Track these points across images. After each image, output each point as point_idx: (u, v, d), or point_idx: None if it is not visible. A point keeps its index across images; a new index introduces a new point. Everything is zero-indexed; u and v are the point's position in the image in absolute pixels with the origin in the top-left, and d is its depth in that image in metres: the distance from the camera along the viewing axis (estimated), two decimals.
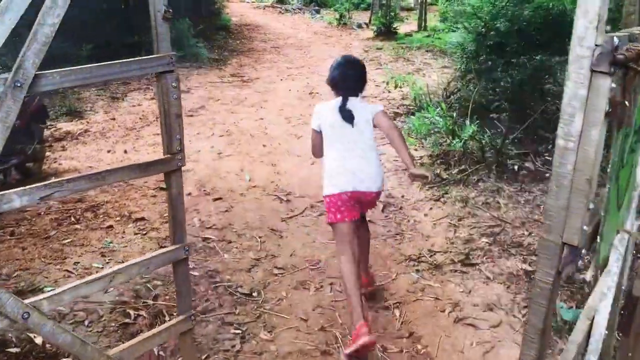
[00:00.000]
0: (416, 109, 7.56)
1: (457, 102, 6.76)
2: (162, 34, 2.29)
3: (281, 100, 8.82)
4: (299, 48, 15.09)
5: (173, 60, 2.32)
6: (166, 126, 2.35)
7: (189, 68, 11.43)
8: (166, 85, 2.30)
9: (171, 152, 2.35)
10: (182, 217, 2.43)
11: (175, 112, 2.35)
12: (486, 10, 6.53)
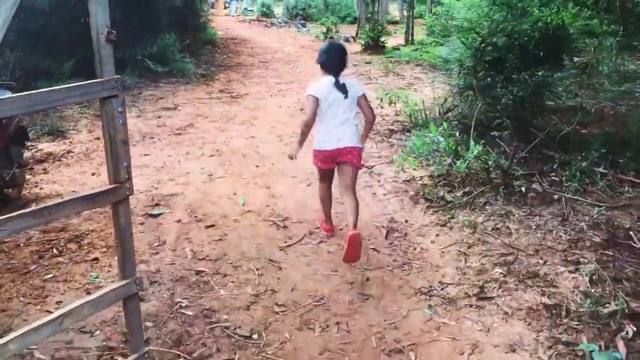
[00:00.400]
0: (412, 126, 7.37)
1: (456, 119, 6.57)
2: (105, 56, 2.17)
3: (272, 117, 8.57)
4: (287, 62, 14.89)
5: (118, 84, 2.21)
6: (112, 153, 2.18)
7: (175, 84, 11.15)
8: (111, 110, 2.15)
9: (118, 181, 2.19)
10: (130, 248, 2.36)
11: (122, 139, 2.19)
12: (484, 25, 6.35)
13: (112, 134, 2.16)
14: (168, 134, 7.49)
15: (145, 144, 7.01)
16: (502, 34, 6.30)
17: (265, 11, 29.04)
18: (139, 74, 11.10)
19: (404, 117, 8.21)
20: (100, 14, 2.12)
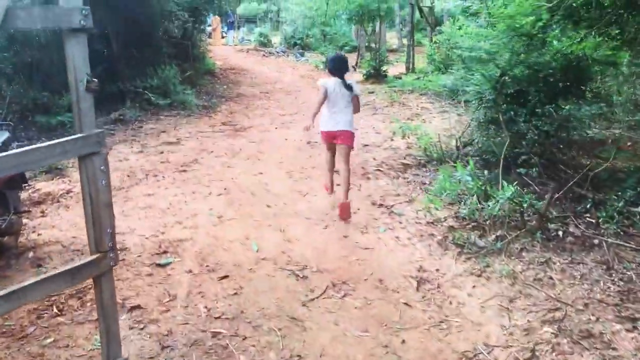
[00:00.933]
0: (427, 161, 7.06)
1: (477, 154, 6.26)
2: (85, 108, 1.85)
3: (279, 151, 8.26)
4: (289, 93, 14.67)
5: (101, 139, 1.86)
6: (94, 218, 1.85)
7: (176, 117, 10.87)
8: (93, 169, 1.83)
9: (101, 250, 1.85)
10: (116, 329, 2.11)
11: (105, 201, 1.86)
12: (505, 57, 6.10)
13: (93, 195, 1.83)
14: (172, 171, 7.16)
15: (149, 183, 6.67)
16: (522, 65, 6.05)
17: (263, 40, 29.03)
18: (140, 107, 10.83)
19: (416, 149, 7.93)
20: (79, 57, 1.82)
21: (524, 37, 6.07)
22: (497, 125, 6.06)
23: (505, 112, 5.83)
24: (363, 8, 16.02)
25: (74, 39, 2.07)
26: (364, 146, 8.46)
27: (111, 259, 1.93)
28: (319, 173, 7.03)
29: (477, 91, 6.31)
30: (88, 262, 1.90)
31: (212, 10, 17.96)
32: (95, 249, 1.87)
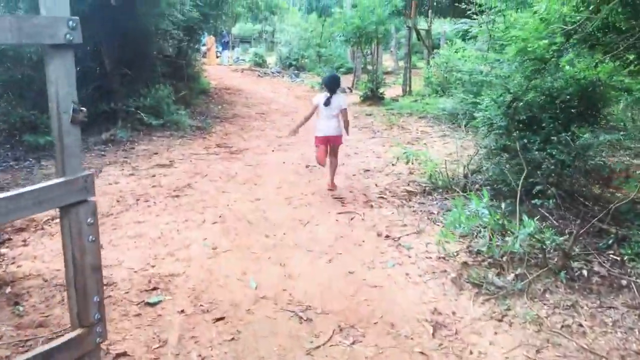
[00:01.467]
0: (432, 188, 6.75)
1: (488, 183, 5.94)
2: (69, 144, 1.49)
3: (276, 175, 7.92)
4: (285, 114, 14.39)
5: (89, 184, 1.46)
6: (77, 284, 1.44)
7: (170, 137, 10.52)
8: (77, 222, 1.46)
9: (86, 324, 1.45)
10: None
11: (92, 264, 1.48)
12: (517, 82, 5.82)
13: (77, 256, 1.43)
14: (164, 196, 6.79)
15: (140, 209, 6.29)
16: (535, 90, 5.78)
17: (258, 60, 28.89)
18: (132, 127, 10.48)
19: (420, 175, 7.62)
20: (64, 81, 1.43)
21: (536, 61, 5.80)
22: (508, 153, 5.76)
23: (518, 140, 5.52)
24: (360, 30, 15.82)
25: (58, 58, 1.69)
26: (365, 171, 8.14)
27: (98, 335, 1.52)
28: (320, 199, 6.71)
29: (486, 117, 6.01)
30: (68, 341, 1.50)
31: (207, 29, 17.74)
32: (77, 322, 1.44)
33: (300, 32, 29.75)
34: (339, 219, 5.95)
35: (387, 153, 9.36)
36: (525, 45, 5.79)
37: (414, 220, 5.79)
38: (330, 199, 6.73)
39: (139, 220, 5.88)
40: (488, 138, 6.20)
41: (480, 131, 6.65)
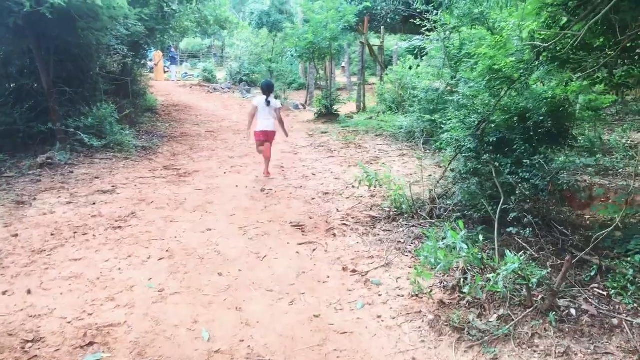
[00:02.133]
0: (397, 213, 6.36)
1: (458, 209, 5.59)
2: None
3: (229, 201, 7.37)
4: (237, 132, 13.85)
5: None
6: None
7: (113, 160, 9.81)
8: None
9: None
10: None
11: None
12: (483, 101, 5.52)
13: None
14: (105, 228, 6.14)
15: (77, 243, 5.62)
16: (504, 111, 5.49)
17: (208, 76, 28.24)
18: (71, 149, 9.71)
19: (382, 199, 7.24)
20: None
21: (504, 79, 5.52)
22: (478, 176, 5.42)
23: (491, 163, 5.20)
24: (314, 46, 15.48)
25: None
26: (324, 194, 7.69)
27: None
28: (278, 228, 6.21)
29: (453, 138, 5.68)
30: None
31: (153, 44, 17.03)
32: None
33: (250, 47, 29.25)
34: (299, 251, 5.46)
35: (346, 174, 8.97)
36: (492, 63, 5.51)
37: (380, 251, 5.36)
38: (289, 227, 6.24)
39: (75, 258, 5.22)
40: (456, 161, 5.86)
41: (446, 153, 6.30)
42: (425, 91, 12.11)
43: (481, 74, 5.70)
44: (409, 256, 5.18)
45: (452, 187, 6.06)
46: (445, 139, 5.85)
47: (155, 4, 12.50)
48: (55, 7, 7.92)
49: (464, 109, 5.82)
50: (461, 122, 5.54)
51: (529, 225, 4.64)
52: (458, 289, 4.29)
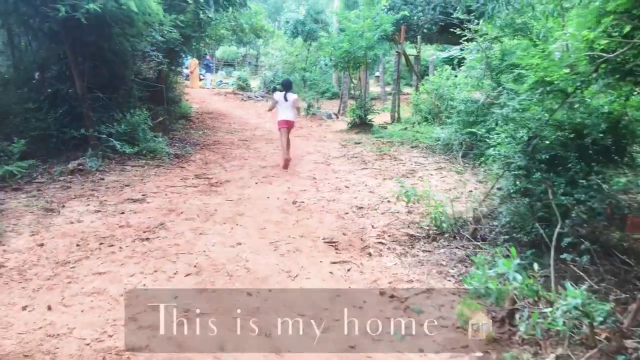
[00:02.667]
0: (437, 233, 5.99)
1: (505, 231, 5.20)
2: None
3: (260, 213, 7.11)
4: (270, 141, 13.62)
5: None
6: None
7: (144, 167, 9.68)
8: None
9: None
10: None
11: None
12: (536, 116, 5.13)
13: None
14: (132, 239, 5.94)
15: (102, 255, 5.42)
16: (556, 127, 5.09)
17: (242, 84, 28.18)
18: (103, 156, 9.61)
19: (420, 216, 6.87)
20: None
21: (558, 92, 5.12)
22: (529, 196, 5.02)
23: (546, 183, 4.80)
24: (349, 54, 15.20)
25: None
26: (359, 209, 7.36)
27: None
28: (310, 244, 5.92)
29: (502, 154, 5.29)
30: None
31: (189, 52, 17.00)
32: None
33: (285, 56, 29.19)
34: (333, 271, 5.15)
35: (381, 187, 8.62)
36: (544, 74, 5.11)
37: (420, 274, 5.00)
38: (321, 244, 5.94)
39: (99, 272, 5.02)
40: (503, 178, 5.47)
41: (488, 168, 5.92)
42: (465, 102, 11.69)
43: (532, 86, 5.31)
44: (452, 281, 4.82)
45: (498, 207, 5.67)
46: (492, 155, 5.46)
47: (192, 11, 12.40)
48: (90, 12, 7.83)
49: (512, 123, 5.44)
50: (511, 137, 5.16)
51: (587, 252, 4.23)
52: (508, 321, 3.90)
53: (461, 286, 4.73)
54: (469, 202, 6.45)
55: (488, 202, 6.01)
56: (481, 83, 11.68)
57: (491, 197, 5.98)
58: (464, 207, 6.50)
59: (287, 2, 33.02)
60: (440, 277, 4.93)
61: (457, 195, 7.76)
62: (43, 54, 10.59)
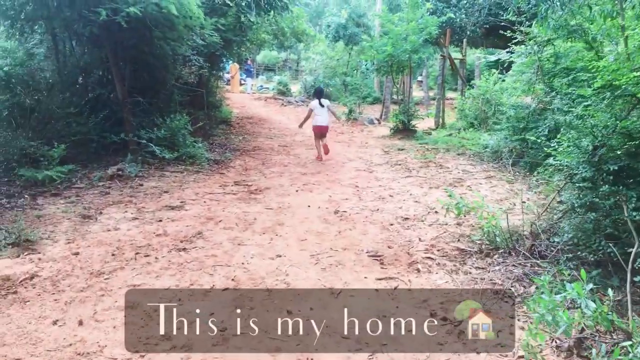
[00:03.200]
0: (490, 248, 5.57)
1: (568, 248, 4.75)
2: None
3: (301, 223, 6.82)
4: (310, 147, 13.35)
5: None
6: None
7: (184, 173, 9.54)
8: None
9: None
10: None
11: None
12: (604, 123, 4.67)
13: None
14: (169, 249, 5.73)
15: (137, 266, 5.22)
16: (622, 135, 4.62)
17: (282, 89, 28.09)
18: (143, 161, 9.51)
19: (469, 228, 6.46)
20: None
21: (628, 97, 4.65)
22: (595, 211, 4.57)
23: (608, 196, 4.35)
24: (393, 58, 14.83)
25: None
26: (404, 220, 6.99)
27: None
28: (354, 258, 5.59)
29: (564, 165, 4.85)
30: None
31: (230, 56, 16.94)
32: None
33: (326, 60, 28.97)
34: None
35: (427, 196, 8.22)
36: (613, 77, 4.66)
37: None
38: (365, 258, 5.60)
39: (134, 284, 4.81)
40: (565, 191, 5.02)
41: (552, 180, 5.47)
42: (515, 108, 11.16)
43: (597, 90, 4.86)
44: (510, 303, 4.40)
45: (558, 222, 5.21)
46: (554, 165, 5.02)
47: (233, 15, 12.26)
48: (131, 16, 7.74)
49: (574, 131, 4.99)
50: (574, 146, 4.71)
51: None
52: (576, 351, 3.48)
53: (520, 308, 4.33)
54: (522, 214, 5.98)
55: (547, 216, 5.55)
56: (532, 88, 11.15)
57: (551, 210, 5.52)
58: (520, 220, 6.05)
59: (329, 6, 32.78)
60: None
61: (510, 206, 7.30)
62: (86, 58, 10.62)
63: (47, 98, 9.77)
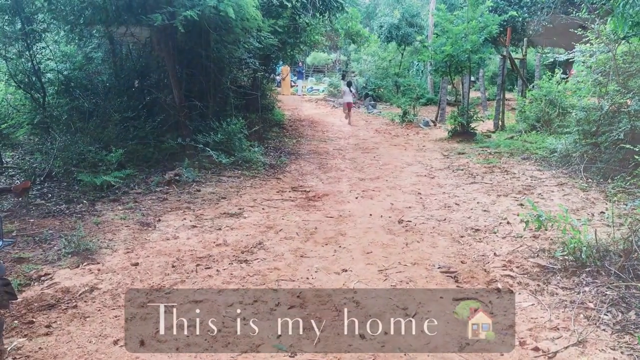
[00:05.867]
0: (577, 265, 5.07)
1: None
2: None
3: (364, 233, 6.48)
4: (365, 151, 13.00)
5: None
6: None
7: (240, 178, 9.35)
8: None
9: None
10: None
11: None
12: None
13: None
14: (230, 260, 5.50)
15: (198, 280, 5.00)
16: None
17: (333, 91, 27.82)
18: (199, 165, 9.39)
19: (548, 241, 5.96)
20: None
21: None
22: None
23: None
24: (452, 58, 14.30)
25: None
26: (475, 231, 6.55)
27: None
28: (425, 274, 5.20)
29: None
30: None
31: (283, 59, 16.78)
32: None
33: (377, 61, 28.55)
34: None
35: (496, 205, 7.73)
36: None
37: (566, 320, 4.15)
38: (438, 274, 5.20)
39: (195, 299, 4.57)
40: None
41: None
42: (585, 109, 10.47)
43: None
44: (609, 332, 3.93)
45: None
46: None
47: (288, 17, 12.05)
48: (188, 19, 7.58)
49: None
50: None
51: None
52: None
53: (622, 338, 3.85)
54: (612, 227, 5.46)
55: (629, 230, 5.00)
56: (603, 88, 10.44)
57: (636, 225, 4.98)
58: (605, 234, 5.52)
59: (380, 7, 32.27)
60: (590, 324, 4.05)
61: (588, 217, 6.75)
62: (142, 62, 10.60)
63: (104, 102, 9.79)
